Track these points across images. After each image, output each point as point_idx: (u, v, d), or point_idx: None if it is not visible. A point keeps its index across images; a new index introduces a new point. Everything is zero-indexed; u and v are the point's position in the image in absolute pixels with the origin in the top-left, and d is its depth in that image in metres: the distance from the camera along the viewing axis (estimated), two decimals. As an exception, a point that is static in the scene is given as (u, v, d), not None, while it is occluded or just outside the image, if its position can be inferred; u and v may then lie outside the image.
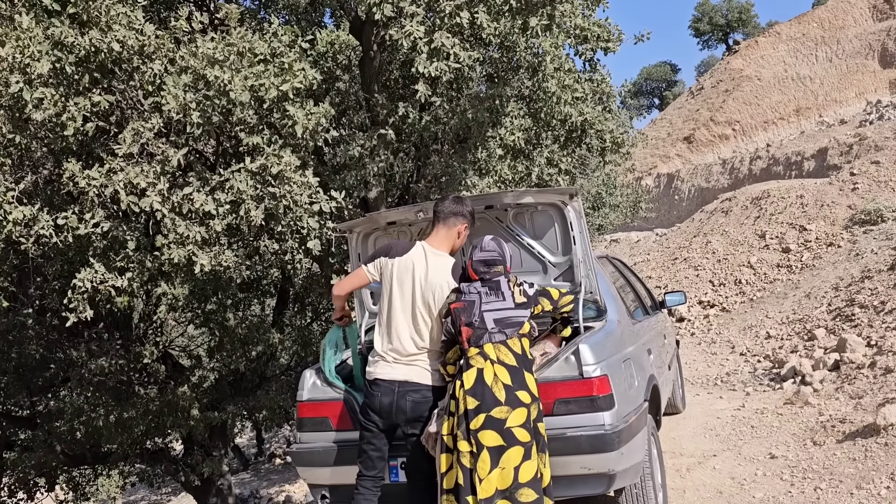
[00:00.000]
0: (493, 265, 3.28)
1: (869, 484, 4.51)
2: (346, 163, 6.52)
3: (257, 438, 20.31)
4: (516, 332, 3.20)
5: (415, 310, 3.37)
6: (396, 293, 3.40)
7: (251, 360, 8.59)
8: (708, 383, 8.67)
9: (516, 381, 3.13)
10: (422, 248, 3.46)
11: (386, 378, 3.35)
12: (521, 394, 3.12)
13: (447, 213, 3.49)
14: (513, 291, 3.25)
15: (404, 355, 3.36)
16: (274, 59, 5.19)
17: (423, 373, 3.35)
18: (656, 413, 4.45)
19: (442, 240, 3.48)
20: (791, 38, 38.04)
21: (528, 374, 3.17)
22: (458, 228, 3.49)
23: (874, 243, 11.97)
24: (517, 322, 3.20)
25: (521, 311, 3.22)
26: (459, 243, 3.54)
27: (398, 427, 3.36)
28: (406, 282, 3.39)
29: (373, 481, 3.42)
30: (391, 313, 3.40)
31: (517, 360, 3.17)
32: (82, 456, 8.72)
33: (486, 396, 3.10)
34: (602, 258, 4.86)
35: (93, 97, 4.87)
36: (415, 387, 3.32)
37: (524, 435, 3.07)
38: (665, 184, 34.08)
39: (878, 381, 6.30)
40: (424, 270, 3.40)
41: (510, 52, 7.19)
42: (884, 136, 19.46)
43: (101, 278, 5.00)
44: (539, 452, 3.12)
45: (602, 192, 18.03)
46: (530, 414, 3.11)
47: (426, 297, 3.36)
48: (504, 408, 3.09)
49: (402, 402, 3.30)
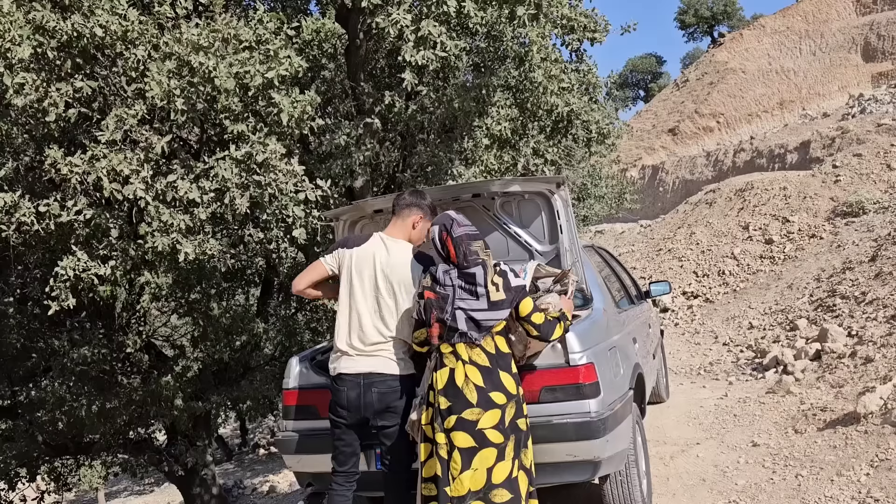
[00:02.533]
0: (473, 239, 3.13)
1: (849, 471, 4.57)
2: (332, 151, 6.48)
3: (241, 429, 20.26)
4: (489, 333, 3.09)
5: (378, 297, 3.30)
6: (357, 283, 3.33)
7: (235, 350, 8.55)
8: (692, 373, 8.75)
9: (489, 382, 3.05)
10: (379, 238, 3.40)
11: (350, 372, 3.27)
12: (495, 395, 3.05)
13: (403, 205, 3.43)
14: (488, 289, 3.07)
15: (367, 345, 3.28)
16: (259, 46, 5.15)
17: (388, 363, 3.27)
18: (641, 401, 4.48)
19: (397, 231, 3.41)
20: (775, 32, 38.27)
21: (503, 374, 3.09)
22: (412, 219, 3.40)
23: (855, 235, 12.11)
24: (490, 325, 3.07)
25: (494, 314, 3.06)
26: (417, 235, 3.43)
27: (368, 420, 3.29)
28: (366, 270, 3.33)
29: (345, 476, 3.37)
30: (352, 304, 3.32)
31: (490, 361, 3.08)
32: (64, 446, 8.65)
33: (457, 398, 3.04)
34: (588, 248, 4.88)
35: (75, 83, 4.81)
36: (380, 377, 3.24)
37: (497, 436, 3.03)
38: (650, 175, 34.26)
39: (859, 370, 6.38)
40: (385, 256, 3.33)
41: (497, 42, 7.17)
42: (866, 129, 19.66)
43: (84, 266, 4.95)
44: (522, 447, 3.09)
45: (587, 183, 18.05)
46: (505, 414, 3.05)
47: (390, 281, 3.29)
48: (475, 409, 3.03)
49: (369, 394, 3.23)
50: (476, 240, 3.14)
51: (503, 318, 3.09)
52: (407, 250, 3.36)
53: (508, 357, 3.15)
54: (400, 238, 3.40)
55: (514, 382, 3.11)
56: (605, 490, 3.83)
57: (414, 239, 3.44)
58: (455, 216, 3.20)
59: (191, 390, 8.10)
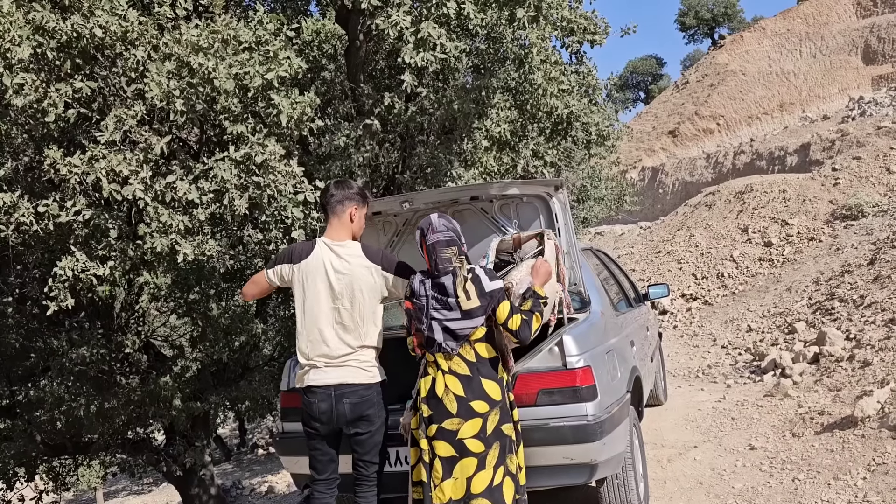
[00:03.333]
0: (447, 246, 3.04)
1: (846, 475, 4.58)
2: (332, 153, 6.48)
3: (240, 429, 20.27)
4: (467, 341, 3.05)
5: (337, 308, 3.22)
6: (311, 297, 3.24)
7: (234, 351, 8.55)
8: (690, 375, 8.76)
9: (470, 391, 3.02)
10: (324, 245, 3.29)
11: (320, 384, 3.21)
12: (476, 404, 3.02)
13: (334, 203, 3.31)
14: (459, 298, 3.00)
15: (335, 358, 3.22)
16: (259, 47, 5.15)
17: (358, 372, 3.22)
18: (638, 404, 4.49)
19: (338, 230, 3.31)
20: (776, 34, 38.30)
21: (485, 381, 3.04)
22: (348, 212, 3.31)
23: (854, 238, 12.11)
24: (465, 334, 3.02)
25: (469, 322, 3.01)
26: (357, 226, 3.35)
27: (342, 429, 3.26)
28: (319, 282, 3.23)
29: (326, 484, 3.36)
30: (312, 319, 3.24)
31: (470, 369, 3.04)
32: (63, 446, 8.64)
33: (437, 408, 3.03)
34: (586, 250, 4.88)
35: (75, 83, 4.80)
36: (351, 388, 3.19)
37: (477, 446, 3.01)
38: (650, 177, 34.26)
39: (857, 373, 6.39)
40: (336, 262, 3.24)
41: (497, 44, 7.18)
42: (865, 132, 19.67)
43: (83, 267, 4.95)
44: (508, 453, 3.05)
45: (587, 185, 18.06)
46: (487, 423, 3.02)
47: (349, 291, 3.22)
48: (455, 420, 3.01)
49: (340, 406, 3.18)
50: (451, 246, 3.06)
51: (479, 326, 3.03)
52: (356, 250, 3.28)
53: (492, 362, 3.09)
54: (344, 237, 3.31)
55: (498, 388, 3.06)
56: (602, 493, 3.84)
57: (356, 231, 3.36)
58: (434, 221, 3.11)
59: (189, 390, 8.10)
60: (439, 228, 3.09)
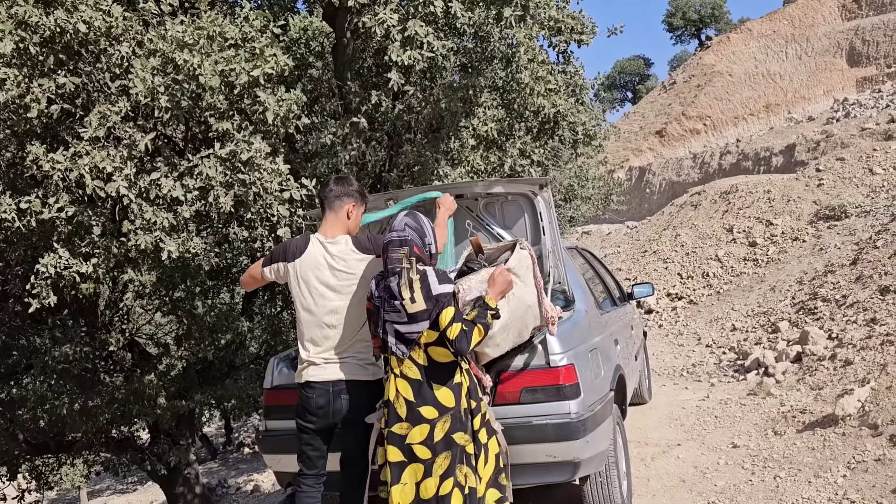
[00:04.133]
0: (399, 246, 2.97)
1: (826, 472, 4.63)
2: (318, 150, 6.47)
3: (226, 428, 20.18)
4: (416, 345, 2.99)
5: (336, 304, 3.24)
6: (307, 294, 3.26)
7: (220, 349, 8.51)
8: (674, 374, 8.81)
9: (419, 397, 2.96)
10: (317, 241, 3.29)
11: (319, 380, 3.24)
12: (425, 409, 2.95)
13: (332, 198, 3.33)
14: (403, 300, 2.92)
15: (334, 355, 3.24)
16: (245, 43, 5.13)
17: (356, 369, 3.24)
18: (622, 402, 4.51)
19: (332, 226, 3.31)
20: (762, 35, 38.57)
21: (437, 386, 2.96)
22: (345, 209, 3.32)
23: (837, 238, 12.23)
24: (413, 338, 2.96)
25: (414, 326, 2.94)
26: (354, 224, 3.36)
27: (335, 425, 3.29)
28: (313, 280, 3.25)
29: (314, 479, 3.37)
30: (311, 316, 3.26)
31: (421, 373, 2.97)
32: (46, 444, 8.57)
33: (390, 412, 3.00)
34: (571, 249, 4.90)
35: (58, 79, 4.77)
36: (349, 385, 3.23)
37: (424, 452, 2.95)
38: (637, 177, 34.42)
39: (838, 372, 6.45)
40: (331, 261, 3.25)
41: (484, 43, 7.17)
42: (850, 133, 19.86)
43: (66, 264, 4.91)
44: (458, 463, 2.95)
45: (574, 185, 18.12)
46: (435, 429, 2.94)
47: (347, 285, 3.23)
48: (404, 424, 2.97)
49: (338, 401, 3.21)
50: (403, 246, 2.97)
51: (424, 330, 2.95)
52: (347, 244, 3.28)
53: (448, 367, 3.00)
54: (338, 233, 3.31)
55: (451, 395, 2.97)
56: (585, 491, 3.86)
57: (351, 228, 3.36)
58: (397, 219, 3.06)
59: (174, 389, 8.05)
60: (397, 227, 3.02)
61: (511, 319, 3.23)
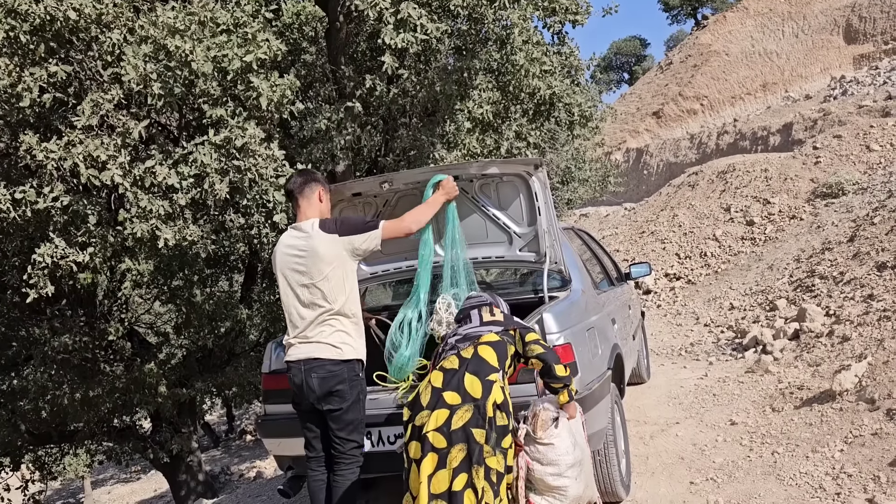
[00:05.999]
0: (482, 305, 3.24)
1: (824, 447, 4.66)
2: (313, 136, 6.45)
3: (228, 415, 20.27)
4: (471, 343, 3.02)
5: (307, 286, 3.34)
6: (283, 281, 3.41)
7: (219, 337, 8.54)
8: (673, 353, 8.84)
9: (448, 383, 2.89)
10: (289, 230, 3.49)
11: (293, 359, 3.37)
12: (449, 395, 2.84)
13: (301, 185, 3.47)
14: (481, 314, 3.16)
15: (308, 335, 3.35)
16: (237, 29, 5.10)
17: (326, 348, 3.31)
18: (620, 381, 4.53)
19: (305, 212, 3.45)
20: (758, 14, 38.35)
21: (469, 375, 2.88)
22: (316, 194, 3.47)
23: (835, 216, 12.23)
24: (476, 335, 3.05)
25: (484, 328, 3.08)
26: (325, 207, 3.51)
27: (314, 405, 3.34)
28: (285, 266, 3.40)
29: (316, 461, 3.44)
30: (288, 301, 3.41)
31: (461, 364, 2.94)
32: (48, 435, 8.63)
33: (415, 405, 2.92)
34: (567, 229, 4.90)
35: (49, 67, 4.75)
36: (318, 363, 3.29)
37: (439, 440, 2.77)
38: (634, 158, 34.36)
39: (836, 349, 6.47)
40: (296, 244, 3.39)
41: (478, 25, 7.13)
42: (847, 111, 19.80)
43: (62, 253, 4.92)
44: (475, 464, 2.75)
45: (571, 167, 18.12)
46: (453, 417, 2.79)
47: (314, 265, 3.32)
48: (424, 413, 2.84)
49: (309, 380, 3.29)
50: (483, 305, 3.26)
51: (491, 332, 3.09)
52: (314, 226, 3.39)
53: (488, 364, 2.96)
54: (311, 217, 3.44)
55: (480, 386, 2.86)
56: (585, 469, 3.88)
57: (324, 212, 3.50)
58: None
59: (175, 377, 8.09)
60: (472, 295, 3.35)
61: (585, 461, 3.17)
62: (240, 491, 7.43)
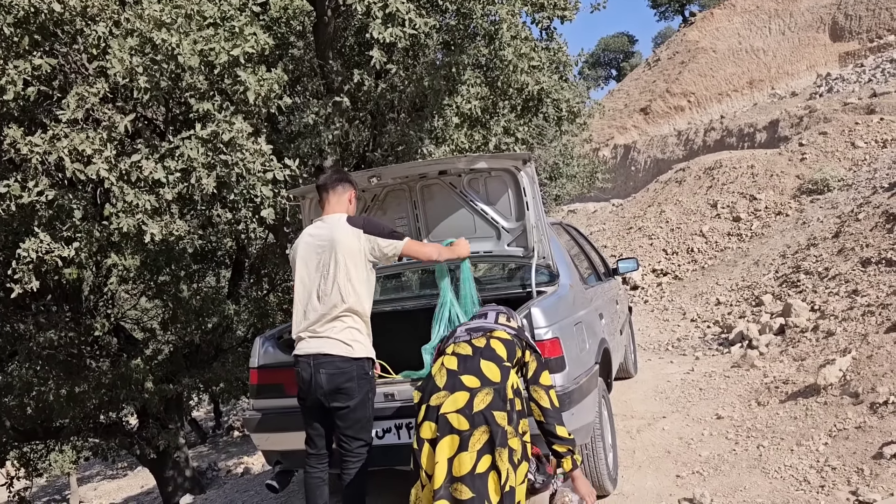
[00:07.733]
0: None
1: (808, 441, 4.70)
2: (301, 131, 6.42)
3: (215, 411, 20.18)
4: (483, 334, 3.03)
5: (327, 278, 3.32)
6: (302, 270, 3.39)
7: (207, 332, 8.50)
8: (659, 348, 8.90)
9: (464, 367, 2.89)
10: (314, 222, 3.51)
11: (302, 353, 3.33)
12: (467, 378, 2.84)
13: (335, 180, 3.49)
14: (497, 316, 3.16)
15: (319, 329, 3.31)
16: (224, 22, 5.07)
17: (336, 344, 3.27)
18: (607, 376, 4.55)
19: (333, 206, 3.47)
20: (746, 11, 38.51)
21: (485, 361, 2.90)
22: (348, 195, 3.51)
23: (820, 212, 12.33)
24: (490, 328, 3.06)
25: (498, 325, 3.09)
26: (353, 210, 3.55)
27: (326, 403, 3.30)
28: (305, 255, 3.40)
29: (317, 458, 3.40)
30: (304, 291, 3.38)
31: (474, 352, 2.95)
32: (33, 431, 8.56)
33: (428, 386, 2.92)
34: (555, 225, 4.92)
35: (34, 60, 4.70)
36: (327, 359, 3.25)
37: (461, 422, 2.74)
38: (622, 155, 34.47)
39: (820, 343, 6.54)
40: (317, 233, 3.40)
41: (466, 19, 7.12)
42: (832, 108, 19.94)
43: (47, 248, 4.88)
44: (499, 447, 2.73)
45: (559, 163, 18.15)
46: (474, 399, 2.78)
47: (331, 255, 3.32)
48: (441, 393, 2.83)
49: (318, 375, 3.25)
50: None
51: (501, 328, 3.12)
52: (341, 219, 3.40)
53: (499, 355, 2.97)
54: (337, 212, 3.45)
55: (498, 371, 2.88)
56: (572, 462, 3.89)
57: (351, 213, 3.53)
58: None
59: (161, 373, 8.05)
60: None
61: None
62: (227, 487, 7.40)
